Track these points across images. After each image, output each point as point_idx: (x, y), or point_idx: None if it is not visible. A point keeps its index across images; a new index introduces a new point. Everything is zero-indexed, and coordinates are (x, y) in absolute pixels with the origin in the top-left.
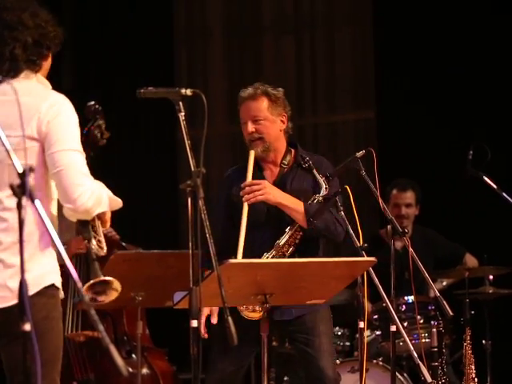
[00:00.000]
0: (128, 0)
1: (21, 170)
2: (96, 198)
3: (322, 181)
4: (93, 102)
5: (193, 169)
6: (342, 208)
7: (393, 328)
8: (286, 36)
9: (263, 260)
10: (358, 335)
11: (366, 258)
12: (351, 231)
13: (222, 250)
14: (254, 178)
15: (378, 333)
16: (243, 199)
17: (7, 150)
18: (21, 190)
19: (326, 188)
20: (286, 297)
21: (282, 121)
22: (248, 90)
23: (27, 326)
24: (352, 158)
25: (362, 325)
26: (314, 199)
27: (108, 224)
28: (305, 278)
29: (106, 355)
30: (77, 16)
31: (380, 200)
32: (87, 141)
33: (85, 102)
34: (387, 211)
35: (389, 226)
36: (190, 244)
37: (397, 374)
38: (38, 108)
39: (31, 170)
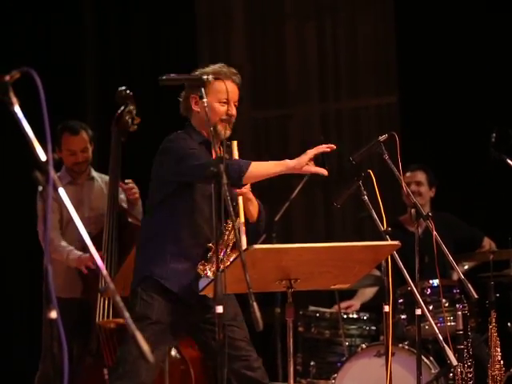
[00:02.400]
0: None
1: (44, 159)
2: None
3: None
4: (124, 87)
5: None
6: (365, 192)
7: (418, 311)
8: (308, 22)
9: (288, 245)
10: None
11: (390, 242)
12: (375, 215)
13: None
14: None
15: (403, 317)
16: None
17: (30, 140)
18: (45, 179)
19: None
20: (311, 282)
21: None
22: (236, 74)
23: (53, 314)
24: (375, 142)
25: (386, 309)
26: None
27: None
28: (329, 263)
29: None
30: (100, 4)
31: (403, 184)
32: (118, 126)
33: (110, 89)
34: (411, 195)
35: (413, 210)
36: (215, 230)
37: (422, 357)
38: None
39: (54, 159)
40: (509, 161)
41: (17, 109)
